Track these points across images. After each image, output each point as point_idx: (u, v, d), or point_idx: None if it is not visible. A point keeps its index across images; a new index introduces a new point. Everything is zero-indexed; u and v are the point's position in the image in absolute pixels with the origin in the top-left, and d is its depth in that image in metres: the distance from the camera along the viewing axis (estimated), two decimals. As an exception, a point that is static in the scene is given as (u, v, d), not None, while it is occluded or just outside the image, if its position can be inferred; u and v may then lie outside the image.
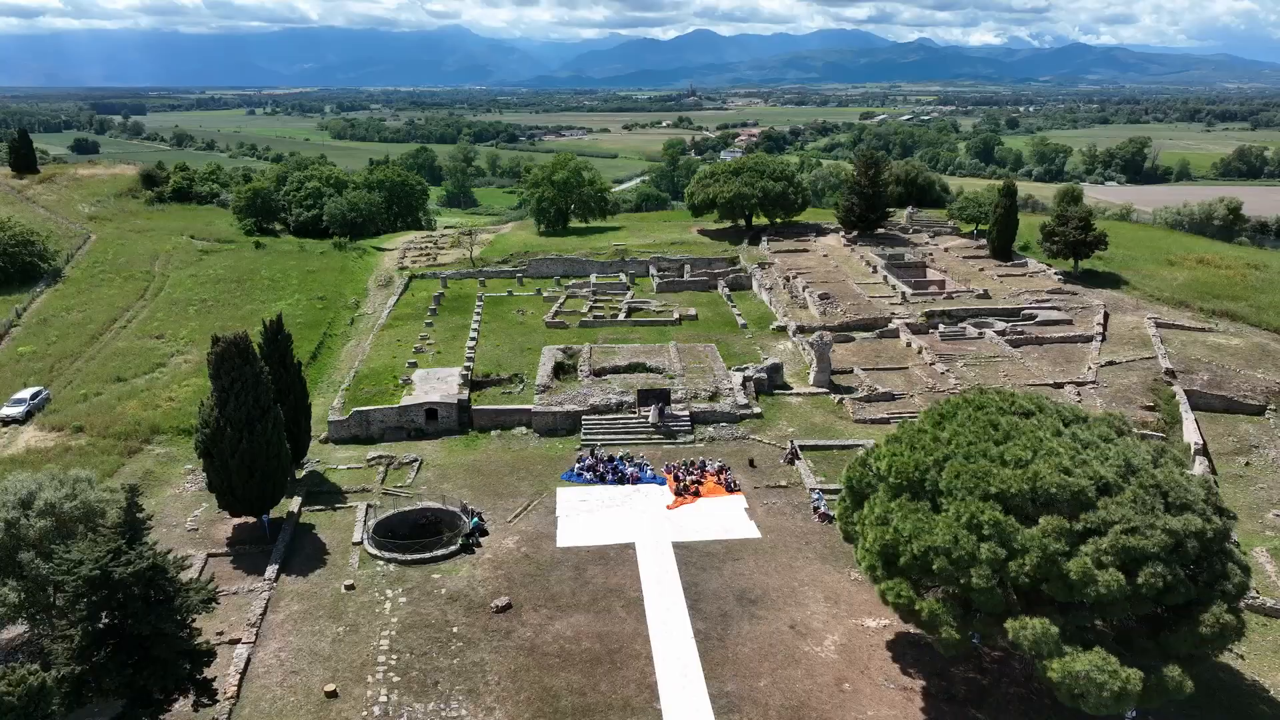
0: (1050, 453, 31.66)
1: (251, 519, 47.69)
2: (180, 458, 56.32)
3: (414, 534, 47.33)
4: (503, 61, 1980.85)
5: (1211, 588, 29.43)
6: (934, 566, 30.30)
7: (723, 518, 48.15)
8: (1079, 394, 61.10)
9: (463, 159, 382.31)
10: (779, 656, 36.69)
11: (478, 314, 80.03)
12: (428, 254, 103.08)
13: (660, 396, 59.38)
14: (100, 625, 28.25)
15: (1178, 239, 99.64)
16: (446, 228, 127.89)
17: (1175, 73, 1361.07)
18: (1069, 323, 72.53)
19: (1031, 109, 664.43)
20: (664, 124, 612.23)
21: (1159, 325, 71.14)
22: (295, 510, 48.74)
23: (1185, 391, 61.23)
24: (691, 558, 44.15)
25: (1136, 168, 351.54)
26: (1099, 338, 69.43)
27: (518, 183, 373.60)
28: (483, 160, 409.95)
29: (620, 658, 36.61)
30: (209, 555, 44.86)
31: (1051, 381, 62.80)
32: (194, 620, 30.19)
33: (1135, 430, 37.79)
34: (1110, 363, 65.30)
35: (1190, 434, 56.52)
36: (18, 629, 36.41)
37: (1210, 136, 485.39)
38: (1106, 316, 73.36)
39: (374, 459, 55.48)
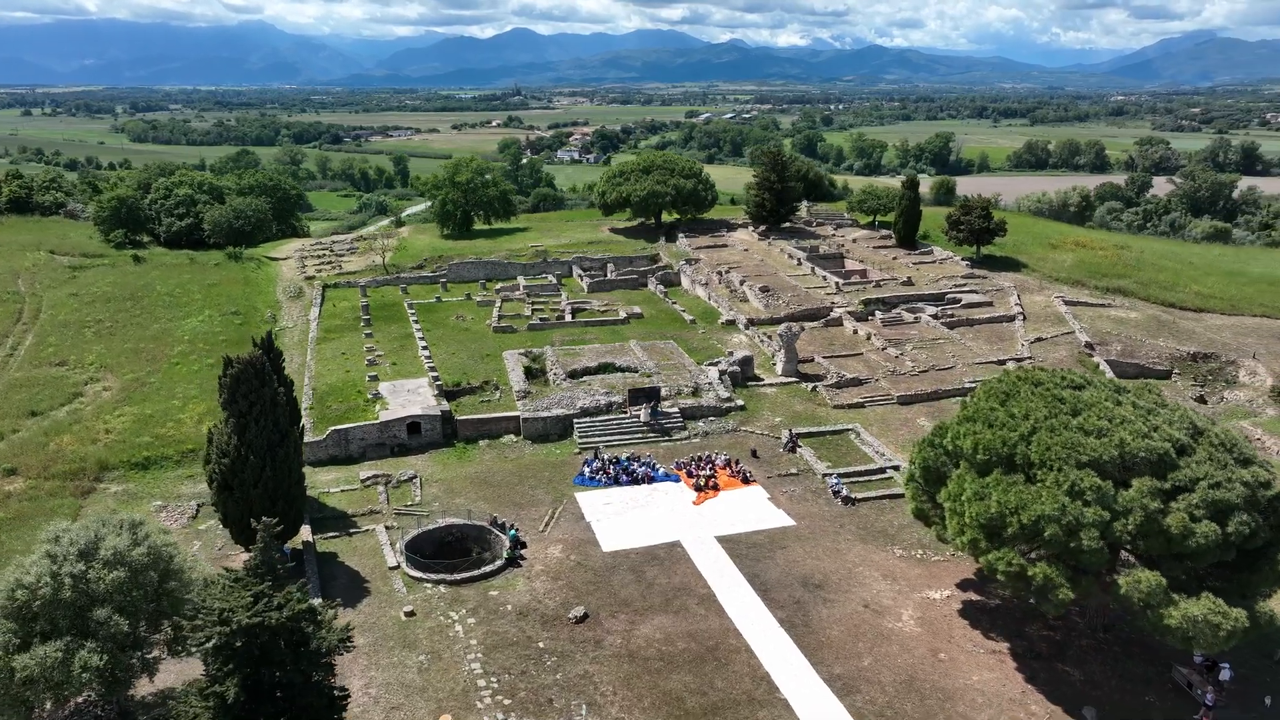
0: (1124, 420, 34.68)
1: (263, 553, 44.16)
2: (142, 494, 51.25)
3: (440, 552, 45.45)
4: (312, 59, 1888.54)
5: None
6: (1046, 533, 32.49)
7: (752, 509, 49.09)
8: (1021, 369, 66.27)
9: (290, 162, 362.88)
10: (869, 636, 38.08)
11: (415, 323, 76.95)
12: (330, 262, 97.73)
13: (650, 395, 59.53)
14: (246, 677, 25.72)
15: (1045, 224, 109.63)
16: (335, 235, 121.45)
17: (960, 73, 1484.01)
18: (989, 304, 78.50)
19: (841, 107, 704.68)
20: (494, 123, 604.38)
21: (1066, 303, 78.26)
22: (310, 539, 45.52)
23: (1107, 361, 67.82)
24: (739, 550, 44.83)
25: (943, 160, 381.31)
26: (1020, 317, 75.56)
27: (352, 186, 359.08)
28: (311, 163, 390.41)
29: (721, 654, 36.84)
30: (231, 596, 41.13)
31: (995, 359, 67.87)
32: (334, 662, 27.95)
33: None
34: (1038, 339, 71.26)
35: (1123, 399, 62.64)
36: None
37: (998, 131, 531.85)
38: (1019, 297, 79.84)
39: (369, 479, 52.54)
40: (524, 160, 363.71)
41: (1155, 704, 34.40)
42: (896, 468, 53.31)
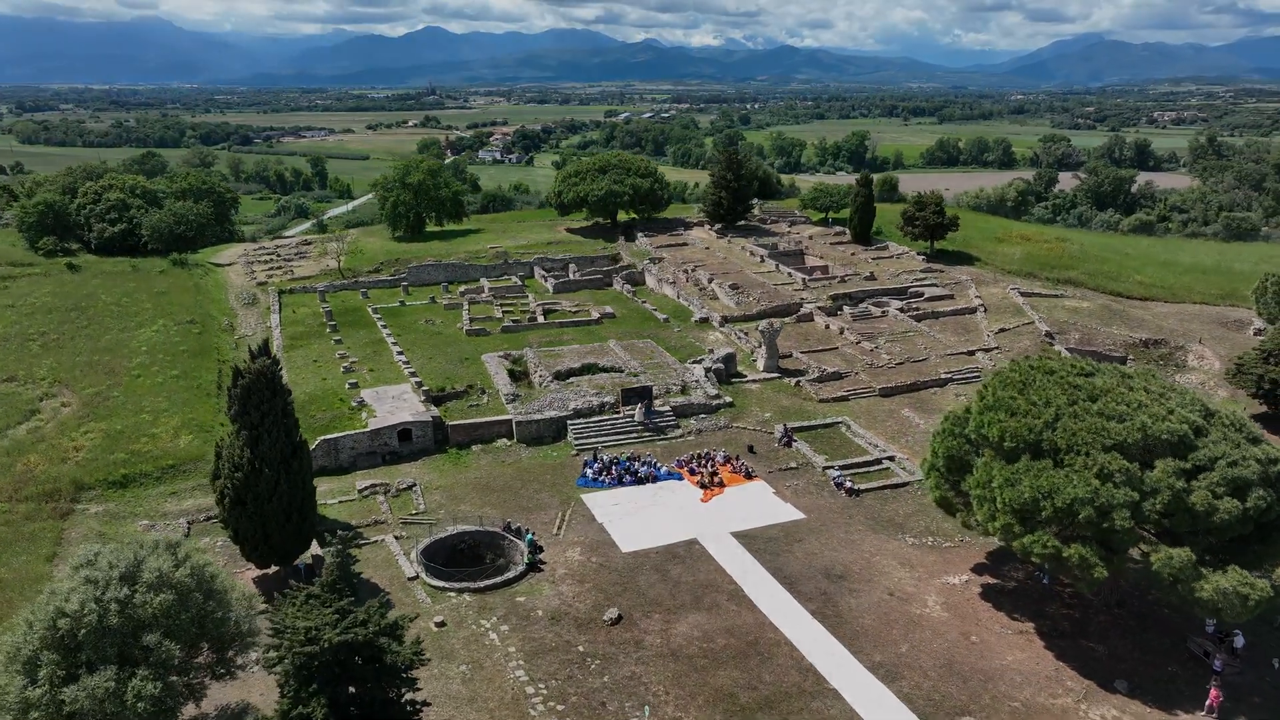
0: (1141, 405, 36.34)
1: (272, 569, 42.71)
2: (125, 514, 48.89)
3: (452, 560, 44.68)
4: (214, 58, 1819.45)
5: (1289, 504, 35.31)
6: (1080, 516, 33.83)
7: (760, 504, 49.62)
8: (991, 359, 68.75)
9: (200, 164, 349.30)
10: (901, 623, 38.96)
11: (384, 327, 75.24)
12: (279, 267, 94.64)
13: (643, 395, 59.52)
14: (328, 697, 24.89)
15: (985, 219, 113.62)
16: (280, 238, 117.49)
17: (869, 73, 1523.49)
18: (951, 297, 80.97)
19: (757, 106, 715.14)
20: (410, 123, 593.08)
21: (1022, 294, 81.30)
22: (319, 553, 44.07)
23: (1067, 350, 70.69)
24: (756, 545, 45.26)
25: (860, 158, 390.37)
26: (982, 309, 78.16)
27: (267, 188, 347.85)
28: (224, 165, 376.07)
29: (762, 648, 37.19)
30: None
31: (965, 350, 70.13)
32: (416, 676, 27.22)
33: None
34: (1002, 330, 73.90)
35: (1088, 385, 65.48)
36: None
37: (909, 130, 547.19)
38: (977, 290, 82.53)
39: (366, 489, 51.22)
40: (447, 160, 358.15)
41: (1178, 673, 36.16)
42: (892, 458, 54.66)
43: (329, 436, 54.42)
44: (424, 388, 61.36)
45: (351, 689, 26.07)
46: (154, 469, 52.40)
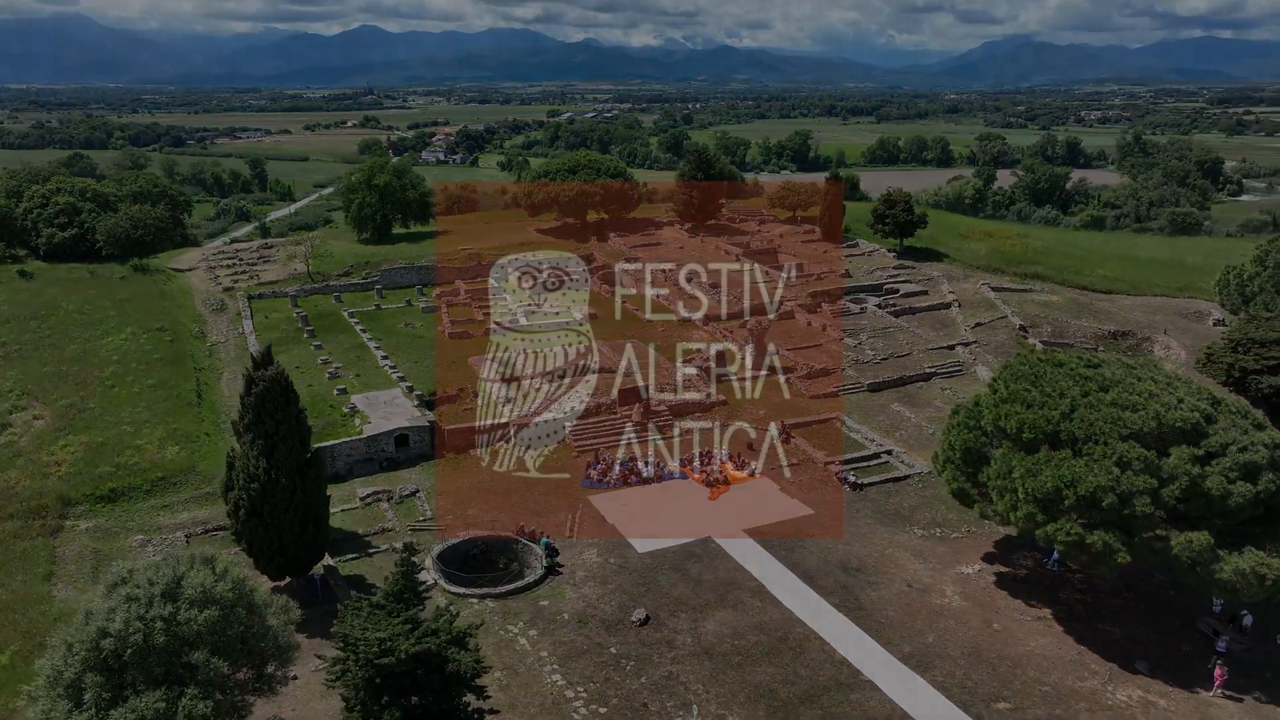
0: (1152, 394, 37.56)
1: (285, 581, 41.66)
2: (118, 529, 47.33)
3: (465, 566, 44.16)
4: (139, 56, 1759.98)
5: (1295, 487, 36.84)
6: (1103, 503, 34.86)
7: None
8: (971, 353, 70.38)
9: (132, 165, 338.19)
10: (923, 614, 39.66)
11: (363, 332, 73.88)
12: (243, 271, 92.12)
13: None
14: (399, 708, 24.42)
15: (945, 215, 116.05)
16: (238, 242, 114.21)
17: (807, 73, 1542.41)
18: (925, 293, 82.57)
19: (698, 106, 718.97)
20: (350, 124, 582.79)
21: (994, 289, 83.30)
22: (330, 563, 43.20)
23: (1041, 343, 72.73)
24: (771, 541, 45.60)
25: (803, 157, 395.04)
26: (956, 304, 79.87)
27: (204, 190, 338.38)
28: (156, 167, 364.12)
29: (793, 643, 37.52)
30: (263, 629, 38.51)
31: (945, 344, 71.62)
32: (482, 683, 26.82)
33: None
34: (978, 324, 75.59)
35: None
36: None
37: (849, 129, 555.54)
38: (949, 285, 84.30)
39: (368, 496, 50.34)
40: (391, 161, 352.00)
41: (1192, 653, 37.51)
42: (889, 452, 55.58)
43: (325, 444, 53.09)
44: (416, 392, 60.45)
45: (415, 699, 25.57)
46: (142, 482, 50.75)
